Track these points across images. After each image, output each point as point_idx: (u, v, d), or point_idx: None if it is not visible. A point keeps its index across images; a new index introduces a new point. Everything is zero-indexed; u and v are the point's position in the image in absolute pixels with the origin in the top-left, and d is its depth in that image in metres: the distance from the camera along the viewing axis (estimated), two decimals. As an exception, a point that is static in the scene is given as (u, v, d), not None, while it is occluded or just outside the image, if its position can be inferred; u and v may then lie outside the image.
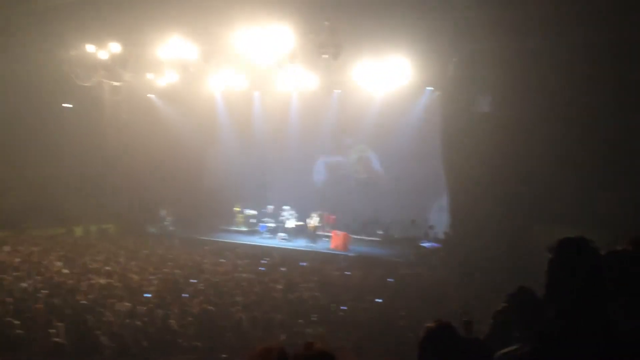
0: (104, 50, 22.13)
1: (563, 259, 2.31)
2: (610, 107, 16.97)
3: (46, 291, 12.20)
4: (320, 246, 22.49)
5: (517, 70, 17.92)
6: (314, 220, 23.20)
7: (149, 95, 27.13)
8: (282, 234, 23.87)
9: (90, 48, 22.26)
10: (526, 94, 18.13)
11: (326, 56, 19.19)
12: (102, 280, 13.85)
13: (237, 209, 26.68)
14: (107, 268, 15.65)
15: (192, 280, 14.53)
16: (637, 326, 2.20)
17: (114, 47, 21.84)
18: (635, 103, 16.49)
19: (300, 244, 22.98)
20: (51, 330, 9.29)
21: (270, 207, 25.76)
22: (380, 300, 13.24)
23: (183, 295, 12.84)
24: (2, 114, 22.60)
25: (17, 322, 9.51)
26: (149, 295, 12.63)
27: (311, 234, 23.04)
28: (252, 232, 25.45)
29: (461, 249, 18.87)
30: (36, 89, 22.99)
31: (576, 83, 17.10)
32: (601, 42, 16.23)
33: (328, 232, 23.57)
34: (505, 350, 2.60)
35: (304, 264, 18.41)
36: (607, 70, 16.49)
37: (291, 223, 23.86)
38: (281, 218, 24.54)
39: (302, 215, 24.01)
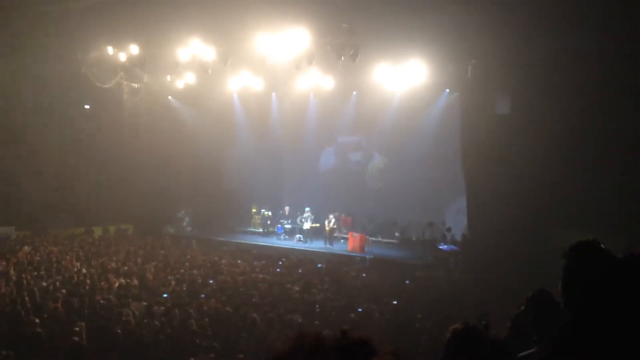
0: (123, 52, 22.35)
1: (576, 264, 2.30)
2: (631, 110, 16.78)
3: (65, 290, 12.32)
4: (337, 248, 22.47)
5: (536, 72, 17.79)
6: (330, 222, 23.18)
7: (167, 96, 27.32)
8: (298, 236, 23.89)
9: (109, 50, 22.49)
10: (545, 96, 17.98)
11: (344, 58, 19.20)
12: (121, 280, 13.97)
13: (254, 210, 26.77)
14: (125, 268, 15.78)
15: (209, 281, 14.60)
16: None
17: (133, 49, 22.04)
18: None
19: (317, 245, 22.98)
20: (70, 330, 9.38)
21: (287, 209, 25.80)
22: (396, 302, 13.19)
23: (200, 295, 12.90)
24: (22, 115, 22.90)
25: (37, 320, 9.62)
26: (167, 295, 12.72)
27: (328, 236, 23.03)
28: (269, 234, 25.52)
29: (479, 251, 18.75)
30: (56, 90, 23.30)
31: (595, 84, 16.94)
32: (621, 43, 16.07)
33: (345, 233, 23.55)
34: (524, 353, 2.59)
35: (321, 265, 18.42)
36: (628, 71, 16.32)
37: (308, 224, 23.87)
38: (298, 219, 24.55)
39: (319, 217, 24.00)
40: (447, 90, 22.93)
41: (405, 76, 20.97)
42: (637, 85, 16.33)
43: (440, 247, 20.87)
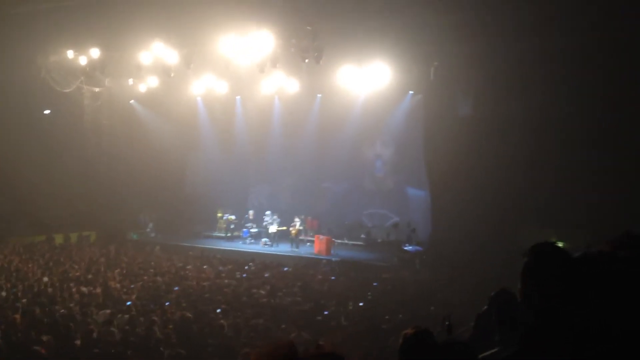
0: (83, 56, 21.94)
1: (534, 265, 2.33)
2: (591, 109, 17.19)
3: (25, 300, 12.02)
4: (304, 251, 22.44)
5: (498, 74, 18.08)
6: (296, 225, 23.13)
7: (129, 100, 26.93)
8: (265, 239, 23.79)
9: (69, 53, 22.06)
10: (507, 97, 18.30)
11: (308, 60, 19.20)
12: (83, 289, 13.68)
13: (219, 215, 26.56)
14: (89, 276, 15.47)
15: (174, 288, 14.41)
16: (614, 327, 2.20)
17: (94, 53, 21.65)
18: (617, 104, 16.72)
19: (284, 249, 22.91)
20: (31, 340, 9.15)
21: (251, 212, 25.66)
22: (362, 304, 13.22)
23: (165, 302, 12.72)
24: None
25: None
26: (130, 303, 12.50)
27: (294, 239, 22.98)
28: (235, 238, 25.33)
29: (444, 252, 18.94)
30: (15, 95, 22.73)
31: (556, 86, 17.29)
32: (582, 45, 16.42)
33: (311, 236, 23.54)
34: (486, 353, 2.60)
35: (287, 269, 18.35)
36: (588, 72, 16.69)
37: (274, 228, 23.78)
38: (264, 223, 24.45)
39: (285, 220, 23.93)
40: (411, 92, 23.12)
41: (369, 78, 21.06)
42: (599, 83, 16.72)
43: (406, 248, 21.00)
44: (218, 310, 11.99)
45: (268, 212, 24.32)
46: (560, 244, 2.43)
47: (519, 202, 18.52)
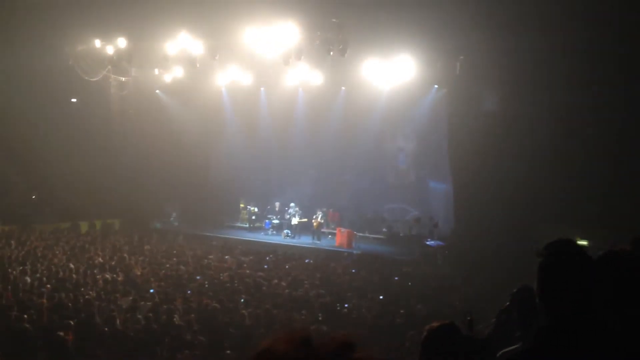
0: (110, 45, 22.16)
1: (552, 262, 2.31)
2: (616, 109, 16.94)
3: (50, 286, 12.24)
4: (325, 243, 22.47)
5: (524, 69, 17.87)
6: (318, 217, 23.17)
7: (155, 90, 27.13)
8: (286, 231, 23.87)
9: (97, 43, 22.29)
10: (532, 93, 18.10)
11: (333, 53, 19.17)
12: (107, 275, 13.88)
13: (242, 206, 26.69)
14: (112, 263, 15.68)
15: (196, 277, 14.54)
16: (632, 327, 2.19)
17: (121, 42, 21.86)
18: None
19: (305, 241, 22.97)
20: (56, 325, 9.32)
21: (276, 204, 25.74)
22: (382, 298, 13.21)
23: (187, 291, 12.86)
24: (8, 108, 22.63)
25: (24, 316, 9.54)
26: (153, 290, 12.65)
27: (316, 231, 23.02)
28: (257, 229, 25.45)
29: (466, 247, 18.83)
30: (43, 83, 23.03)
31: (582, 83, 17.06)
32: (608, 42, 16.17)
33: (333, 229, 23.56)
34: (506, 349, 2.60)
35: (309, 260, 18.41)
36: (615, 69, 16.44)
37: (296, 220, 23.85)
38: (286, 215, 24.53)
39: (307, 212, 23.99)
40: (436, 86, 22.96)
41: (394, 72, 20.96)
42: (626, 83, 16.46)
43: (427, 242, 20.92)
44: (240, 301, 12.09)
45: (292, 204, 24.39)
46: (582, 243, 2.42)
47: (541, 199, 18.33)
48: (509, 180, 18.39)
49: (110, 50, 22.24)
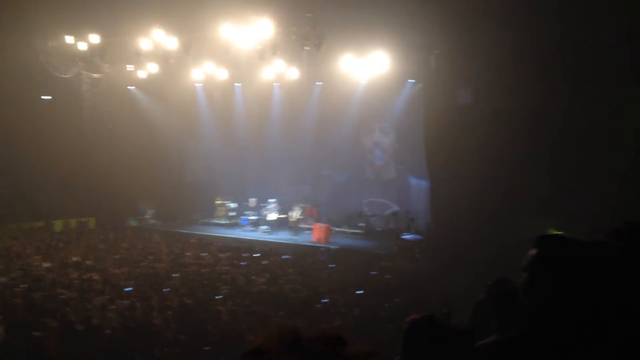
0: (82, 41, 21.86)
1: (545, 255, 2.33)
2: (590, 100, 17.15)
3: (25, 285, 12.07)
4: (302, 239, 22.47)
5: (499, 63, 18.00)
6: (295, 213, 23.17)
7: (128, 87, 26.86)
8: (264, 227, 23.82)
9: (68, 39, 21.97)
10: (508, 86, 18.24)
11: (308, 48, 19.15)
12: (83, 274, 13.74)
13: (219, 202, 26.58)
14: (87, 262, 15.52)
15: (173, 274, 14.46)
16: (616, 317, 2.22)
17: (93, 38, 21.57)
18: (616, 96, 16.69)
19: (283, 236, 22.95)
20: (31, 325, 9.20)
21: (252, 200, 25.68)
22: (361, 292, 13.27)
23: (164, 289, 12.77)
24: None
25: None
26: (129, 289, 12.55)
27: (293, 227, 23.01)
28: (234, 225, 25.36)
29: (443, 240, 18.97)
30: (13, 80, 22.61)
31: (557, 76, 17.25)
32: (583, 35, 16.37)
33: (310, 224, 23.58)
34: (483, 341, 2.62)
35: (286, 256, 18.40)
36: (588, 63, 16.65)
37: (273, 216, 23.81)
38: (263, 211, 24.48)
39: (284, 208, 23.97)
40: (411, 80, 23.06)
41: (369, 66, 21.02)
42: (598, 75, 16.68)
43: (404, 236, 21.04)
44: (217, 297, 12.05)
45: (270, 200, 24.33)
46: (559, 234, 2.44)
47: (517, 191, 18.51)
48: (486, 173, 18.54)
49: (82, 46, 21.94)
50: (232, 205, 26.01)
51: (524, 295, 2.35)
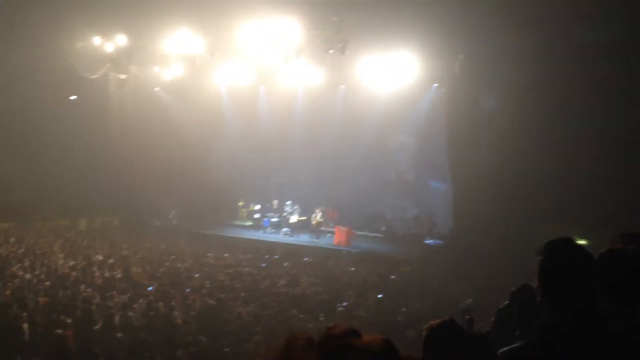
0: (110, 43, 22.13)
1: (551, 261, 2.32)
2: (615, 107, 16.92)
3: (49, 283, 12.21)
4: (324, 242, 22.46)
5: (524, 68, 17.85)
6: (317, 216, 23.17)
7: (155, 88, 27.11)
8: (285, 229, 23.86)
9: (96, 40, 22.26)
10: (532, 92, 18.07)
11: (332, 51, 19.16)
12: (106, 273, 13.87)
13: (241, 204, 26.68)
14: (111, 261, 15.66)
15: (195, 275, 14.53)
16: (631, 323, 2.20)
17: (121, 40, 21.83)
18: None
19: (304, 239, 22.96)
20: (54, 323, 9.29)
21: (275, 202, 25.73)
22: (381, 296, 13.21)
23: (185, 289, 12.84)
24: (8, 105, 22.58)
25: (23, 313, 9.52)
26: (151, 288, 12.64)
27: (315, 230, 23.01)
28: (256, 227, 25.43)
29: (464, 246, 18.82)
30: (42, 81, 22.94)
31: (582, 81, 17.05)
32: (610, 40, 16.16)
33: (331, 227, 23.55)
34: (506, 348, 2.59)
35: (307, 259, 18.41)
36: (614, 69, 16.43)
37: (295, 218, 23.84)
38: (285, 213, 24.52)
39: (306, 211, 23.98)
40: (435, 85, 22.94)
41: (393, 70, 20.96)
42: (625, 81, 16.45)
43: (426, 241, 20.92)
44: (239, 298, 12.08)
45: (289, 202, 24.40)
46: (581, 242, 2.42)
47: (541, 198, 18.33)
48: (508, 179, 18.39)
49: (110, 47, 22.22)
50: (255, 207, 26.06)
51: (541, 299, 2.34)
